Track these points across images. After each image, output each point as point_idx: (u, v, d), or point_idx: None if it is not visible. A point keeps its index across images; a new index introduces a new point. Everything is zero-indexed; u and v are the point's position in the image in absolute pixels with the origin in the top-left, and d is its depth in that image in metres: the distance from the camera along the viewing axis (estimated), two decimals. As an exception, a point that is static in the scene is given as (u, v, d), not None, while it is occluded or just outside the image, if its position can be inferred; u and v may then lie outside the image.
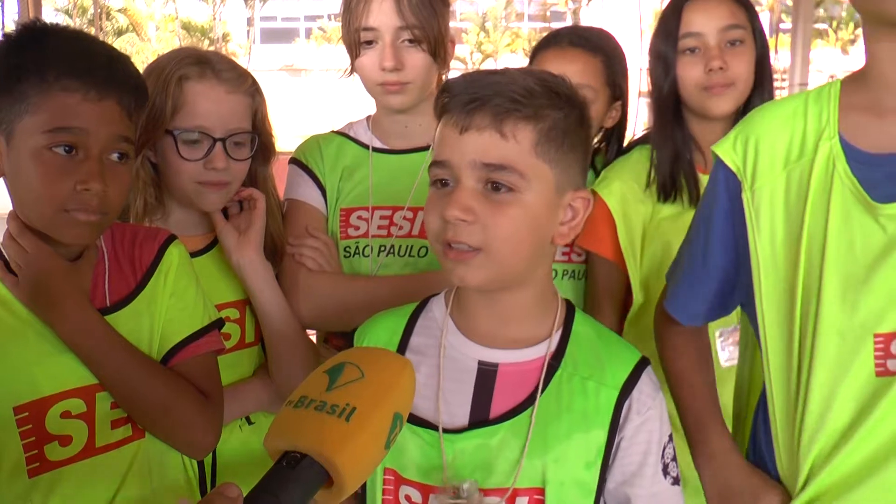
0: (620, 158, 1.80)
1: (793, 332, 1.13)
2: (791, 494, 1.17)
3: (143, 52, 31.95)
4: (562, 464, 1.07)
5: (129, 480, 1.22)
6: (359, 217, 1.65)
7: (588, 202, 1.09)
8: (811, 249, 1.10)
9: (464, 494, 1.04)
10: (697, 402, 1.32)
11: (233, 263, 1.50)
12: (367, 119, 1.72)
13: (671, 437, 1.12)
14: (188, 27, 39.91)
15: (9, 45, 1.17)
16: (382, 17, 1.54)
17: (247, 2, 43.42)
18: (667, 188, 1.70)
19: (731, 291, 1.26)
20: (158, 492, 1.27)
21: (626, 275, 1.72)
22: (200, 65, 1.44)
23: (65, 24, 1.24)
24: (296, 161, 1.69)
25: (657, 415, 1.10)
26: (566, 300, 1.16)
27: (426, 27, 1.54)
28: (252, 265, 1.49)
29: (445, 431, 1.08)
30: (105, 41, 1.28)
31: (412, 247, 1.63)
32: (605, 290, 1.75)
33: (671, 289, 1.35)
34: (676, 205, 1.69)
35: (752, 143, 1.17)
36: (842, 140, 1.11)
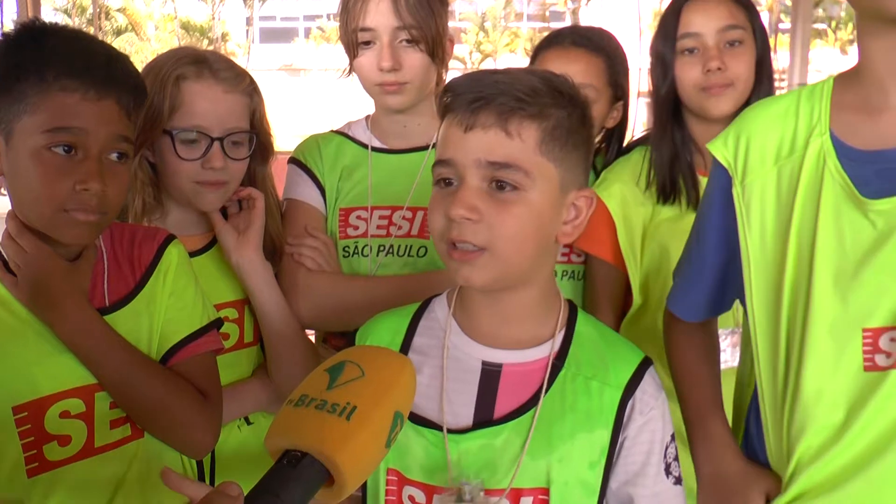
0: (620, 159, 1.79)
1: (783, 327, 1.13)
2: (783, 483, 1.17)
3: (143, 52, 31.92)
4: (566, 464, 1.07)
5: (128, 480, 1.22)
6: (358, 217, 1.65)
7: (591, 201, 1.09)
8: (801, 245, 1.11)
9: (466, 497, 1.04)
10: (700, 394, 1.32)
11: (232, 263, 1.50)
12: (367, 119, 1.72)
13: (673, 437, 1.12)
14: (187, 27, 39.88)
15: (8, 45, 1.17)
16: (380, 18, 1.54)
17: (246, 1, 43.38)
18: (666, 190, 1.69)
19: (727, 287, 1.26)
20: (157, 492, 1.26)
21: (625, 276, 1.72)
22: (198, 64, 1.44)
23: (64, 24, 1.24)
24: (295, 161, 1.69)
25: (660, 414, 1.10)
26: (569, 300, 1.16)
27: (424, 27, 1.54)
28: (251, 265, 1.49)
29: (449, 432, 1.08)
30: (104, 41, 1.28)
31: (411, 246, 1.62)
32: (604, 291, 1.75)
33: (673, 285, 1.36)
34: (675, 207, 1.69)
35: (744, 140, 1.17)
36: (833, 137, 1.11)
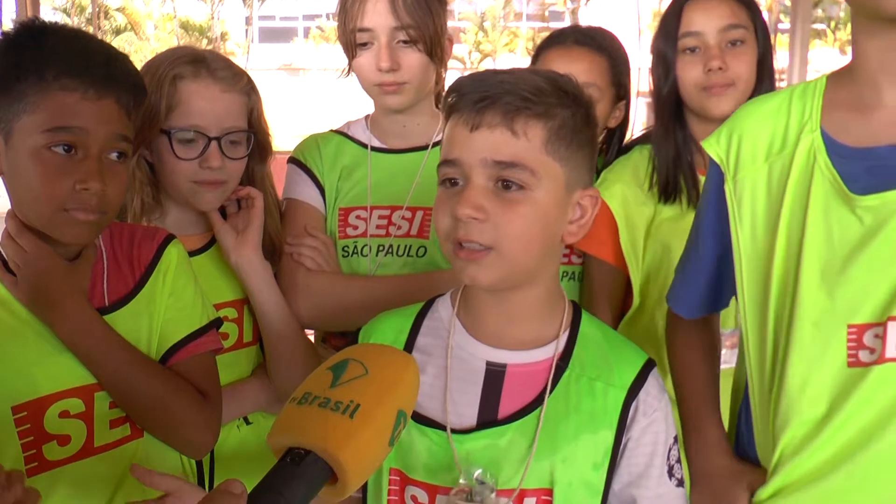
0: (620, 159, 1.79)
1: (771, 321, 1.14)
2: None
3: (142, 51, 31.91)
4: (570, 464, 1.06)
5: (128, 480, 1.21)
6: (357, 217, 1.64)
7: (596, 200, 1.09)
8: (790, 240, 1.12)
9: (476, 498, 1.03)
10: (698, 394, 1.33)
11: (231, 263, 1.50)
12: (366, 118, 1.72)
13: (676, 439, 1.12)
14: (186, 26, 39.87)
15: (7, 44, 1.16)
16: (377, 18, 1.53)
17: (245, 1, 43.36)
18: (668, 189, 1.69)
19: (723, 283, 1.27)
20: (156, 491, 1.26)
21: (624, 276, 1.71)
22: (195, 64, 1.44)
23: (63, 23, 1.24)
24: (294, 160, 1.69)
25: (663, 416, 1.10)
26: (572, 301, 1.16)
27: (422, 27, 1.54)
28: (251, 265, 1.49)
29: (453, 432, 1.08)
30: (103, 40, 1.28)
31: (411, 246, 1.62)
32: (602, 292, 1.74)
33: (672, 283, 1.37)
34: (676, 206, 1.68)
35: (736, 137, 1.18)
36: (823, 134, 1.12)
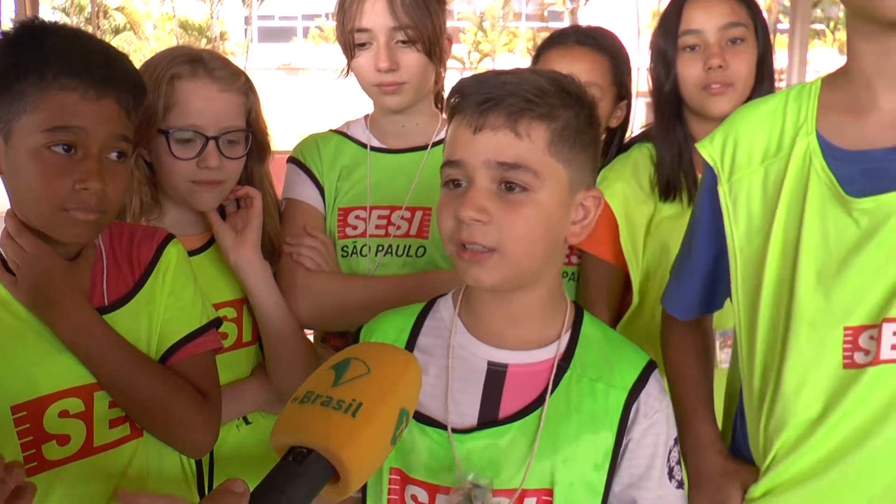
0: (619, 157, 1.79)
1: (766, 322, 1.14)
2: None
3: (141, 51, 31.92)
4: (571, 465, 1.06)
5: (127, 480, 1.22)
6: (357, 217, 1.64)
7: (599, 201, 1.10)
8: (786, 242, 1.12)
9: (476, 501, 1.03)
10: (692, 394, 1.33)
11: (230, 263, 1.50)
12: (365, 118, 1.72)
13: (676, 441, 1.12)
14: (185, 26, 39.87)
15: (7, 44, 1.16)
16: (375, 18, 1.53)
17: (244, 1, 43.37)
18: (669, 188, 1.69)
19: (718, 284, 1.28)
20: (156, 491, 1.26)
21: (622, 275, 1.71)
22: (192, 63, 1.44)
23: (63, 23, 1.24)
24: (294, 160, 1.69)
25: (664, 418, 1.10)
26: (574, 302, 1.16)
27: (420, 27, 1.54)
28: (250, 265, 1.49)
29: (454, 431, 1.08)
30: (103, 40, 1.28)
31: (410, 246, 1.62)
32: (600, 290, 1.73)
33: (667, 284, 1.37)
34: (676, 204, 1.68)
35: (732, 140, 1.18)
36: (819, 136, 1.12)
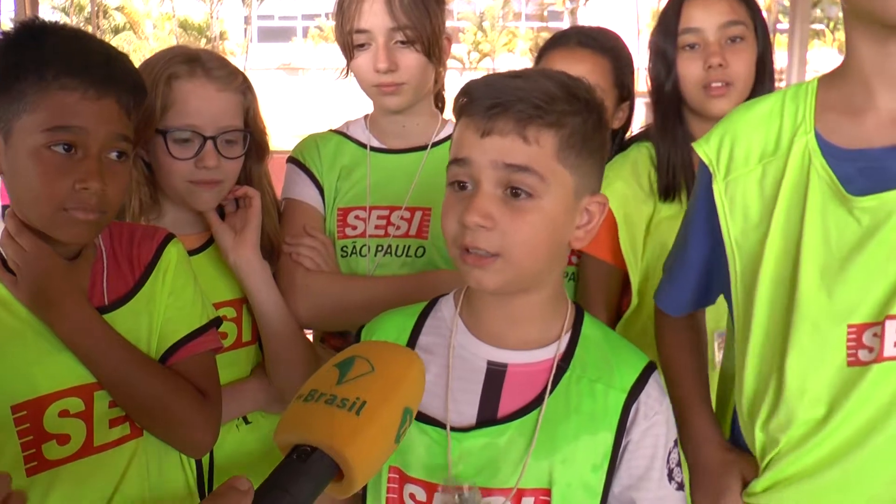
0: (619, 156, 1.78)
1: (765, 320, 1.14)
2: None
3: (140, 51, 31.93)
4: (569, 465, 1.06)
5: (127, 479, 1.22)
6: (356, 217, 1.64)
7: (604, 207, 1.10)
8: (786, 241, 1.12)
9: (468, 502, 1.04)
10: (686, 387, 1.33)
11: (230, 263, 1.50)
12: (365, 118, 1.72)
13: (676, 443, 1.12)
14: (185, 25, 39.89)
15: (7, 44, 1.16)
16: (374, 19, 1.53)
17: (244, 0, 43.37)
18: (669, 188, 1.69)
19: (711, 282, 1.28)
20: (156, 491, 1.27)
21: (621, 275, 1.71)
22: (190, 63, 1.43)
23: (63, 23, 1.24)
24: (293, 160, 1.69)
25: (663, 419, 1.10)
26: (575, 303, 1.17)
27: (419, 27, 1.53)
28: (249, 265, 1.49)
29: (453, 430, 1.08)
30: (103, 39, 1.28)
31: (409, 247, 1.62)
32: (598, 290, 1.73)
33: (660, 281, 1.38)
34: (675, 204, 1.68)
35: (729, 139, 1.18)
36: (817, 136, 1.12)
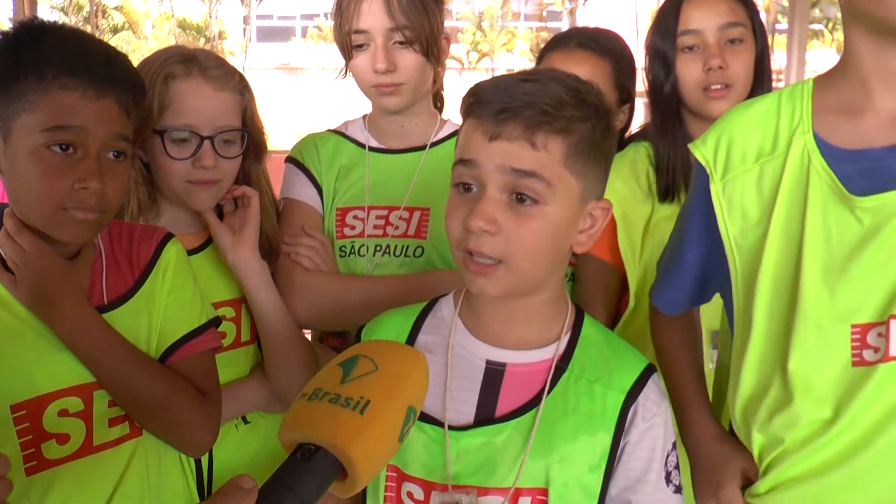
0: (617, 155, 1.78)
1: (763, 318, 1.14)
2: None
3: (139, 50, 31.92)
4: (566, 465, 1.07)
5: (127, 478, 1.22)
6: (355, 217, 1.64)
7: (608, 212, 1.10)
8: (787, 241, 1.11)
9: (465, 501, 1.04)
10: (682, 380, 1.34)
11: (228, 263, 1.49)
12: (364, 118, 1.72)
13: (675, 445, 1.12)
14: (184, 25, 39.89)
15: (6, 44, 1.17)
16: (373, 20, 1.53)
17: (243, 0, 43.36)
18: (668, 189, 1.69)
19: (707, 282, 1.28)
20: (156, 490, 1.27)
21: (620, 274, 1.70)
22: (187, 63, 1.44)
23: (62, 23, 1.24)
24: (292, 160, 1.69)
25: (662, 422, 1.10)
26: (576, 304, 1.17)
27: (417, 27, 1.53)
28: (248, 264, 1.49)
29: (451, 428, 1.08)
30: (102, 39, 1.28)
31: (408, 247, 1.62)
32: (597, 291, 1.72)
33: (655, 280, 1.38)
34: (674, 205, 1.68)
35: (725, 140, 1.18)
36: (816, 136, 1.12)
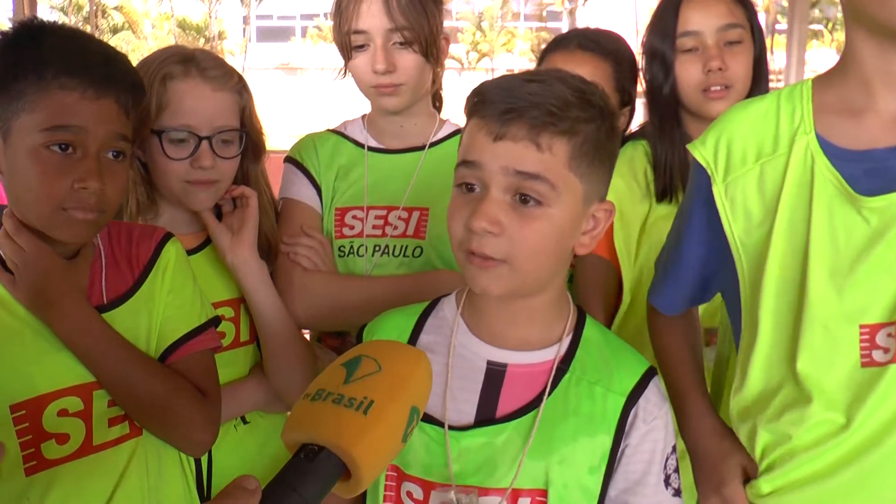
0: None
1: (769, 319, 1.13)
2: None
3: (139, 50, 31.92)
4: (566, 466, 1.06)
5: (127, 478, 1.22)
6: (354, 217, 1.64)
7: (610, 214, 1.10)
8: (792, 242, 1.11)
9: (464, 500, 1.04)
10: (682, 375, 1.34)
11: (227, 263, 1.49)
12: (363, 118, 1.72)
13: (675, 449, 1.12)
14: (184, 25, 39.89)
15: (6, 44, 1.17)
16: (372, 20, 1.53)
17: (242, 0, 43.35)
18: (667, 189, 1.68)
19: (707, 283, 1.28)
20: (155, 490, 1.27)
21: (618, 272, 1.70)
22: (185, 63, 1.43)
23: (62, 23, 1.24)
24: (291, 160, 1.68)
25: (662, 424, 1.10)
26: (577, 306, 1.16)
27: (417, 28, 1.53)
28: (247, 265, 1.49)
29: (451, 428, 1.08)
30: (102, 39, 1.28)
31: (407, 247, 1.62)
32: (595, 289, 1.72)
33: (654, 280, 1.37)
34: (673, 205, 1.68)
35: (725, 140, 1.18)
36: (818, 137, 1.11)
